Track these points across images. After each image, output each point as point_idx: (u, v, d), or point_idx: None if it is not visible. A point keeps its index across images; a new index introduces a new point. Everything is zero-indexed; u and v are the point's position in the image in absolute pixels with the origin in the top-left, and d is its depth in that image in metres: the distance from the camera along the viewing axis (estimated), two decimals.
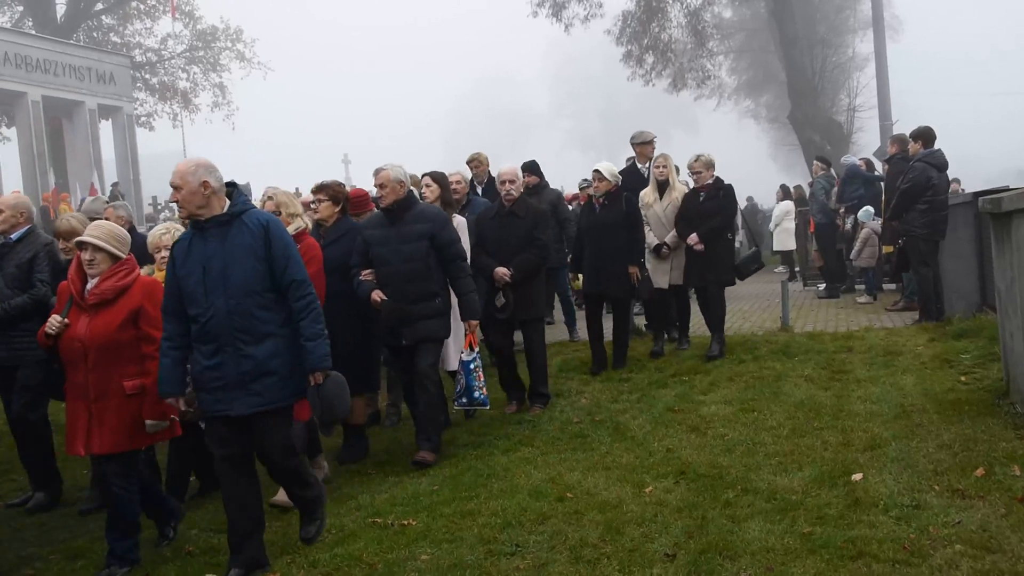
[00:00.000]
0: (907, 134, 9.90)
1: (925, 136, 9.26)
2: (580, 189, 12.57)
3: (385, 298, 5.79)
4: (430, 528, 4.44)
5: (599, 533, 4.15)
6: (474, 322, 6.08)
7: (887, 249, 10.85)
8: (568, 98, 63.36)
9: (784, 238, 17.49)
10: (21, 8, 33.90)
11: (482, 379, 6.15)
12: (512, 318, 6.85)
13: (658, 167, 8.45)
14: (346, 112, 79.78)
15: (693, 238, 7.84)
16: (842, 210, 12.57)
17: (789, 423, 5.73)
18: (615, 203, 7.61)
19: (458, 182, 7.61)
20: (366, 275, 5.91)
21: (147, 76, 36.87)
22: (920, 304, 9.42)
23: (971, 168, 19.70)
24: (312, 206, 6.41)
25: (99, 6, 35.72)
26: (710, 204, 7.92)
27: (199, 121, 37.62)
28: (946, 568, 3.46)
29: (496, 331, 6.96)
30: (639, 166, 9.13)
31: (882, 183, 12.61)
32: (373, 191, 7.60)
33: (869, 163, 13.66)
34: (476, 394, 6.10)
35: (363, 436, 6.32)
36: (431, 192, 6.70)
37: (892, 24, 29.00)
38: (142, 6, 36.05)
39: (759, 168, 42.42)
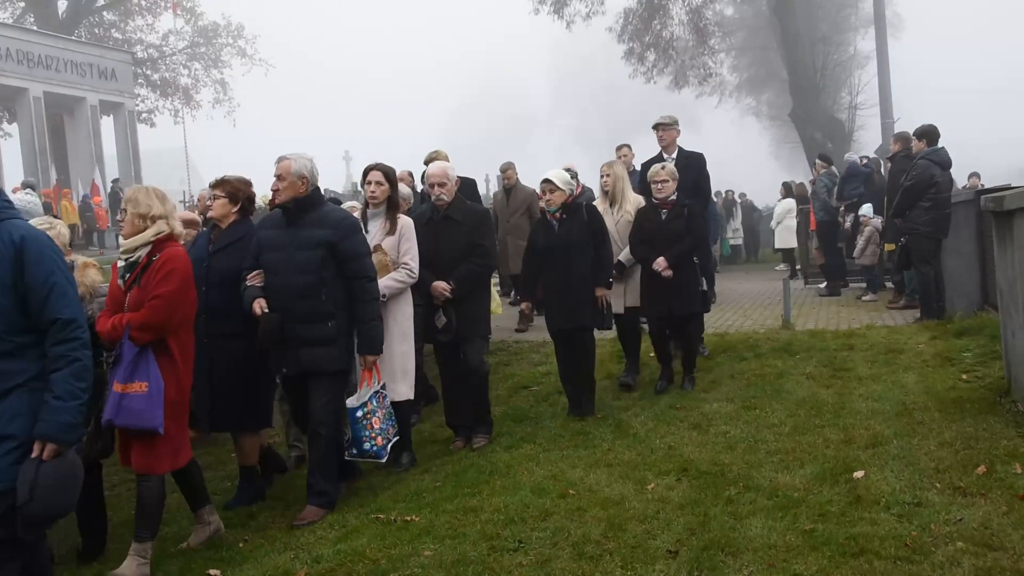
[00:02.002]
0: (910, 132, 9.91)
1: (929, 134, 9.28)
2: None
3: (267, 310, 4.91)
4: (433, 524, 4.45)
5: (601, 530, 4.16)
6: (371, 357, 5.09)
7: (889, 247, 10.86)
8: (570, 95, 63.35)
9: (786, 236, 17.50)
10: (23, 4, 33.92)
11: (378, 426, 5.10)
12: (456, 339, 6.03)
13: (603, 175, 7.36)
14: (348, 109, 79.84)
15: (661, 263, 6.69)
16: (842, 208, 12.58)
17: (791, 421, 5.74)
18: (575, 216, 6.38)
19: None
20: (253, 277, 5.02)
21: (148, 72, 36.94)
22: (921, 302, 9.43)
23: (973, 166, 19.71)
24: (207, 203, 5.68)
25: (100, 2, 35.73)
26: (677, 224, 6.79)
27: (200, 117, 37.82)
28: (948, 565, 3.47)
29: (440, 355, 6.24)
30: (665, 156, 7.84)
31: (874, 176, 12.66)
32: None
33: (871, 159, 13.70)
34: (367, 446, 5.03)
35: (256, 477, 5.57)
36: (380, 191, 5.73)
37: (893, 21, 29.02)
38: (143, 2, 36.07)
39: (760, 166, 42.44)
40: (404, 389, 5.66)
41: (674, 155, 7.68)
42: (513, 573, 3.79)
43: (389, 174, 5.81)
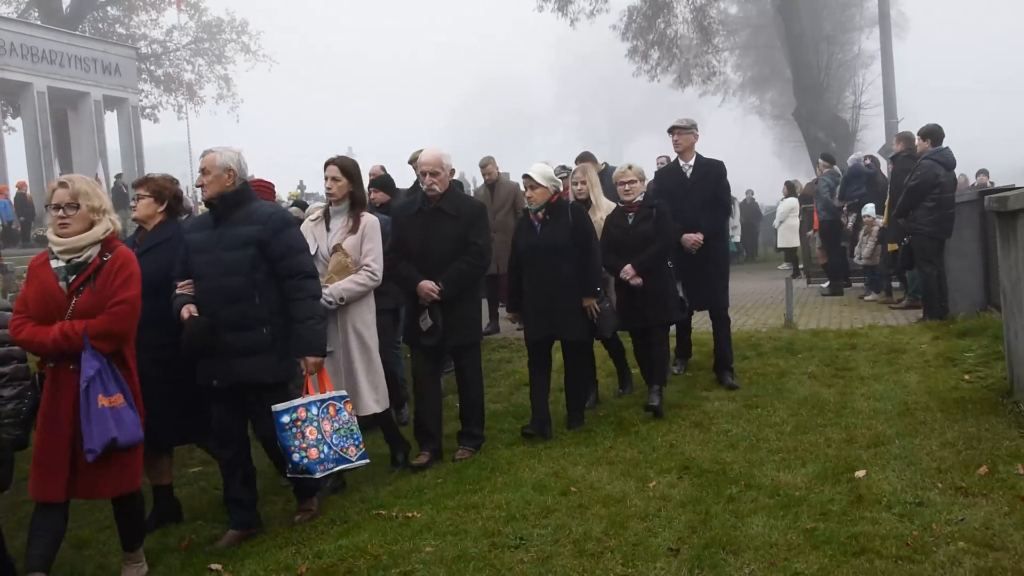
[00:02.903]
0: (914, 132, 9.91)
1: (934, 134, 9.28)
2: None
3: (196, 314, 4.52)
4: (434, 520, 4.45)
5: (603, 527, 4.16)
6: (312, 359, 4.64)
7: (892, 247, 10.85)
8: (573, 93, 63.38)
9: (788, 235, 17.49)
10: None
11: (312, 437, 4.56)
12: (442, 344, 5.60)
13: (576, 183, 6.85)
14: (351, 106, 79.84)
15: (628, 271, 6.22)
16: (844, 207, 12.59)
17: (792, 420, 5.74)
18: (559, 216, 5.89)
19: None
20: (183, 287, 4.63)
21: (152, 68, 36.99)
22: (924, 302, 9.43)
23: (978, 165, 19.69)
24: (131, 204, 5.16)
25: None
26: (644, 227, 6.31)
27: (204, 113, 37.91)
28: (949, 565, 3.47)
29: (419, 359, 5.76)
30: (681, 163, 7.14)
31: (877, 176, 12.66)
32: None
33: (874, 159, 13.70)
34: (296, 457, 4.51)
35: (171, 496, 5.19)
36: (337, 187, 5.29)
37: (898, 21, 29.04)
38: None
39: (763, 165, 42.44)
40: (372, 403, 5.28)
41: (691, 162, 7.02)
42: (514, 570, 3.79)
43: (347, 168, 5.37)
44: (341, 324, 5.21)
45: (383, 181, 7.38)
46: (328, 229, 5.36)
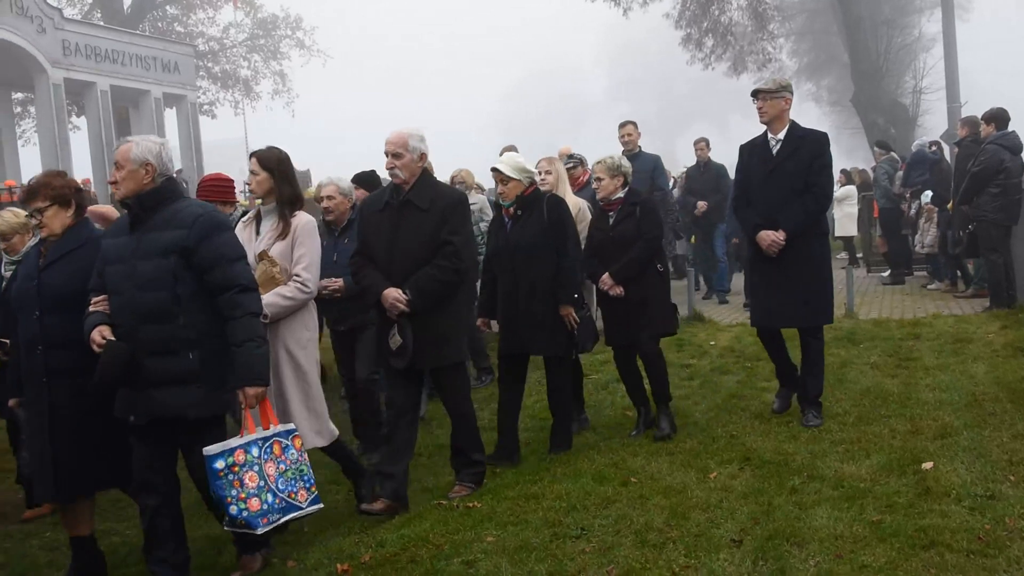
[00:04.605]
0: (978, 116, 9.66)
1: (998, 118, 9.05)
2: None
3: (110, 337, 3.76)
4: (495, 511, 4.47)
5: (664, 518, 4.14)
6: (251, 390, 3.78)
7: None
8: (623, 83, 62.90)
9: (846, 223, 17.15)
10: (90, 0, 34.85)
11: (253, 484, 3.74)
12: (415, 366, 4.76)
13: (543, 172, 5.98)
14: (405, 102, 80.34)
15: (606, 280, 5.53)
16: (907, 195, 12.33)
17: (855, 410, 5.65)
18: (531, 211, 5.27)
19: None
20: (97, 303, 3.90)
21: (209, 65, 37.66)
22: (990, 291, 9.21)
23: None
24: (31, 218, 4.30)
25: None
26: (623, 228, 5.57)
27: (260, 108, 38.52)
28: None
29: (395, 385, 4.91)
30: (769, 137, 5.56)
31: (941, 163, 12.35)
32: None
33: (938, 146, 13.40)
34: (233, 510, 3.70)
35: (94, 548, 4.33)
36: (256, 183, 4.54)
37: (960, 2, 28.15)
38: None
39: None
40: (310, 434, 4.52)
41: (780, 135, 5.47)
42: (576, 560, 3.80)
43: (266, 160, 4.54)
44: (271, 345, 4.35)
45: (365, 177, 6.52)
46: (258, 233, 4.63)
